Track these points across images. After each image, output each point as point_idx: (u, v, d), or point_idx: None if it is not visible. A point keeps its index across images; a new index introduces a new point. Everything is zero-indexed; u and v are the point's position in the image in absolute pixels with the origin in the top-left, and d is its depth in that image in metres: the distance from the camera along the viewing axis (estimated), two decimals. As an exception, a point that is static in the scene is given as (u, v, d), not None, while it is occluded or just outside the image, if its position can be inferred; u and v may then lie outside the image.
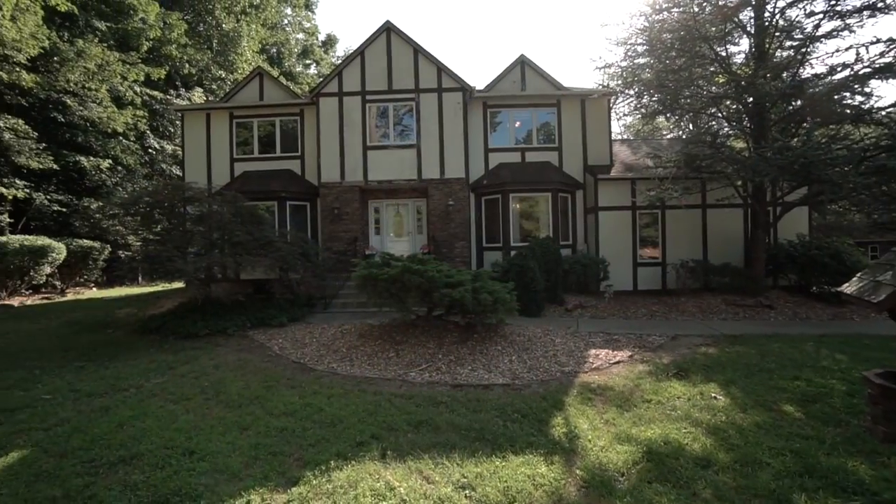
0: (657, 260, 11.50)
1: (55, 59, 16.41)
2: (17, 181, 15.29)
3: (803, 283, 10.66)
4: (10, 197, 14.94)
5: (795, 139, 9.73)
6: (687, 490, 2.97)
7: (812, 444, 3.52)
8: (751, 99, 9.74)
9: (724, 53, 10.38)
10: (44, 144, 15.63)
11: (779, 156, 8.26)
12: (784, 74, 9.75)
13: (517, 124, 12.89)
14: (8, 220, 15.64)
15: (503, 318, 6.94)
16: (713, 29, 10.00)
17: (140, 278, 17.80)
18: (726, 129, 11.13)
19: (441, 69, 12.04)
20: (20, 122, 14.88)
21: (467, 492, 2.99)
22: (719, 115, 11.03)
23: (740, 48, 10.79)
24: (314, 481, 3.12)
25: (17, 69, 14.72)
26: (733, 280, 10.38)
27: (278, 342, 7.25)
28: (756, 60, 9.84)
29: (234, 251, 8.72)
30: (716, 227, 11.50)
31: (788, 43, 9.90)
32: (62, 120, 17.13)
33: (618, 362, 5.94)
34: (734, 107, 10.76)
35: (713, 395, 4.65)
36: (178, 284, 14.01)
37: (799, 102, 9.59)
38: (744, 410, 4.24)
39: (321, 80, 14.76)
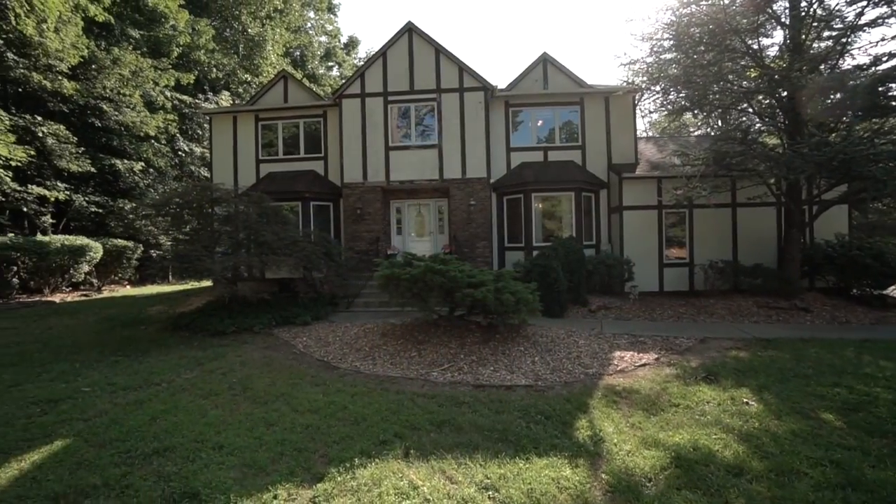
0: (684, 260, 11.18)
1: (93, 66, 17.22)
2: (59, 184, 16.13)
3: (842, 285, 10.15)
4: (53, 199, 15.77)
5: (834, 134, 9.28)
6: (718, 498, 2.88)
7: (855, 455, 3.35)
8: (785, 93, 9.34)
9: (756, 46, 9.97)
10: (82, 148, 16.44)
11: (816, 152, 7.89)
12: (822, 66, 9.30)
13: (539, 123, 12.74)
14: (50, 220, 16.51)
15: (525, 318, 6.87)
16: (744, 21, 9.61)
17: (170, 277, 18.50)
18: (758, 124, 10.69)
19: (462, 69, 12.02)
20: (61, 127, 15.69)
21: (491, 493, 2.97)
22: (750, 110, 10.61)
23: (774, 40, 10.43)
24: (339, 478, 3.16)
25: (60, 77, 15.52)
26: (765, 281, 9.97)
27: (302, 340, 7.39)
28: (791, 53, 9.41)
29: (260, 251, 8.93)
30: (746, 226, 11.09)
31: (827, 33, 9.44)
32: (99, 125, 17.97)
33: (643, 365, 5.80)
34: (767, 102, 10.33)
35: (745, 400, 4.48)
36: (207, 283, 14.50)
37: (839, 95, 9.14)
38: (778, 417, 4.07)
39: (344, 81, 14.97)
